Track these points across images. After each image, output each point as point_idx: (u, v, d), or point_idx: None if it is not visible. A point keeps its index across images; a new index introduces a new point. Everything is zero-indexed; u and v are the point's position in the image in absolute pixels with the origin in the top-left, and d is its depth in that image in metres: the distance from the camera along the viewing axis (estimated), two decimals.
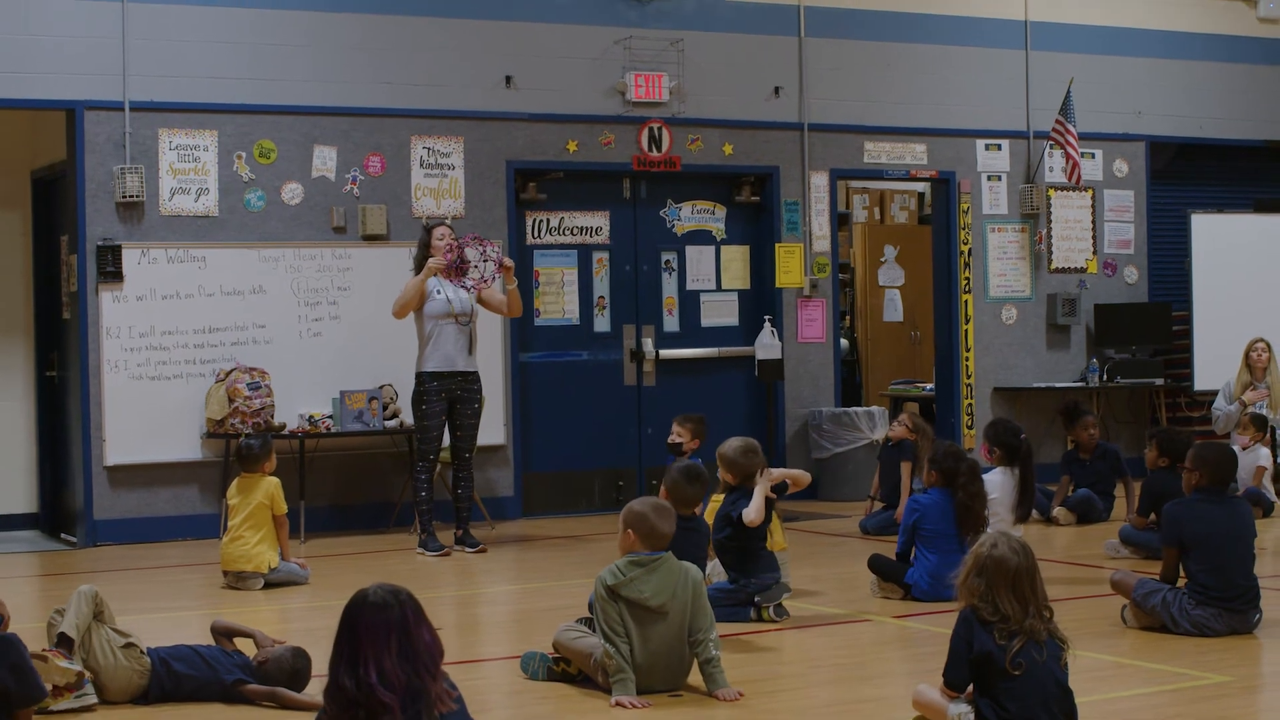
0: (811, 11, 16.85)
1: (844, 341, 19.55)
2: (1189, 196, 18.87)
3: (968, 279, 17.68)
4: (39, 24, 14.07)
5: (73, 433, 14.59)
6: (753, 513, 9.68)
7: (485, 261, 13.33)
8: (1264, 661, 8.71)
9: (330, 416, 14.46)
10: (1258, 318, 17.19)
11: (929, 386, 18.61)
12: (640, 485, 15.79)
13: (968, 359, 17.66)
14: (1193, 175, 19.29)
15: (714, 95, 16.41)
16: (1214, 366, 17.17)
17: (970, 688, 6.53)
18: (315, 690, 7.46)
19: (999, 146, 17.87)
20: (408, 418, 14.15)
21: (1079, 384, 17.80)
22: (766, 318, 16.12)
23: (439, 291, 13.31)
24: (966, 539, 9.82)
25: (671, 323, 16.53)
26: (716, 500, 10.27)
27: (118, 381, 14.19)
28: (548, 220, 16.00)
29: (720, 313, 16.73)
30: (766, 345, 15.93)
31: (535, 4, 15.74)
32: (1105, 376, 17.79)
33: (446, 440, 13.58)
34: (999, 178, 17.88)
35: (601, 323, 16.23)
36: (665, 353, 16.39)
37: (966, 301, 17.68)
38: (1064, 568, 12.02)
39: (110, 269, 14.14)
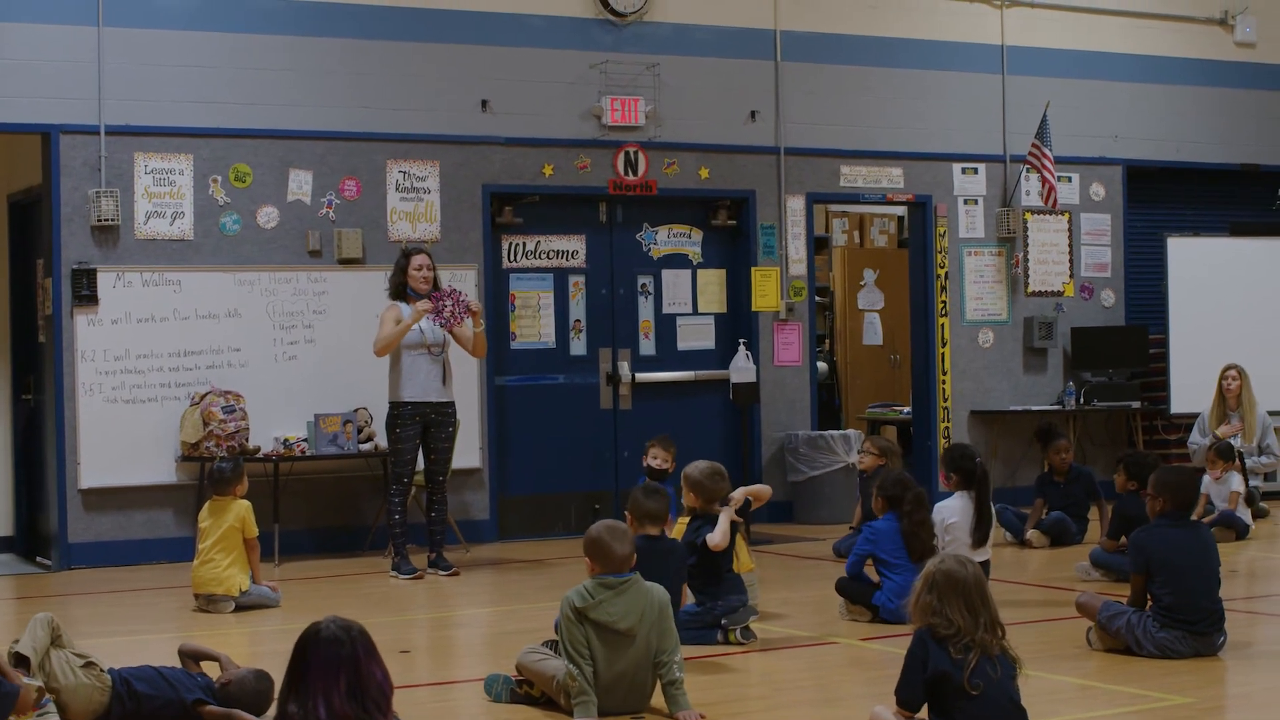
0: (788, 36, 16.90)
1: (823, 365, 19.58)
2: (1165, 220, 18.93)
3: (944, 302, 17.72)
4: (14, 48, 14.10)
5: (48, 456, 14.59)
6: (718, 536, 9.71)
7: (456, 306, 13.35)
8: (1228, 683, 8.72)
9: (305, 440, 14.47)
10: (1234, 340, 17.27)
11: (906, 410, 18.63)
12: (616, 509, 15.73)
13: (944, 382, 17.69)
14: (1169, 198, 19.33)
15: (690, 119, 16.45)
16: (1191, 389, 17.25)
17: (925, 708, 6.54)
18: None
19: (975, 170, 17.92)
20: (382, 441, 14.16)
21: (1055, 407, 17.82)
22: (741, 341, 16.17)
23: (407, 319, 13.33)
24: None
25: (648, 346, 16.55)
26: (683, 524, 10.32)
27: (92, 405, 14.20)
28: (524, 244, 16.02)
29: (697, 336, 16.75)
30: (741, 369, 15.98)
31: (511, 29, 15.77)
32: (1082, 399, 17.81)
33: (421, 464, 13.61)
34: (975, 201, 17.93)
35: (578, 346, 16.25)
36: (641, 376, 16.41)
37: (943, 325, 17.71)
38: (1036, 590, 12.04)
39: (85, 292, 14.15)
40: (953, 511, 10.75)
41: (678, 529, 10.16)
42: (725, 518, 9.80)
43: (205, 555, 11.68)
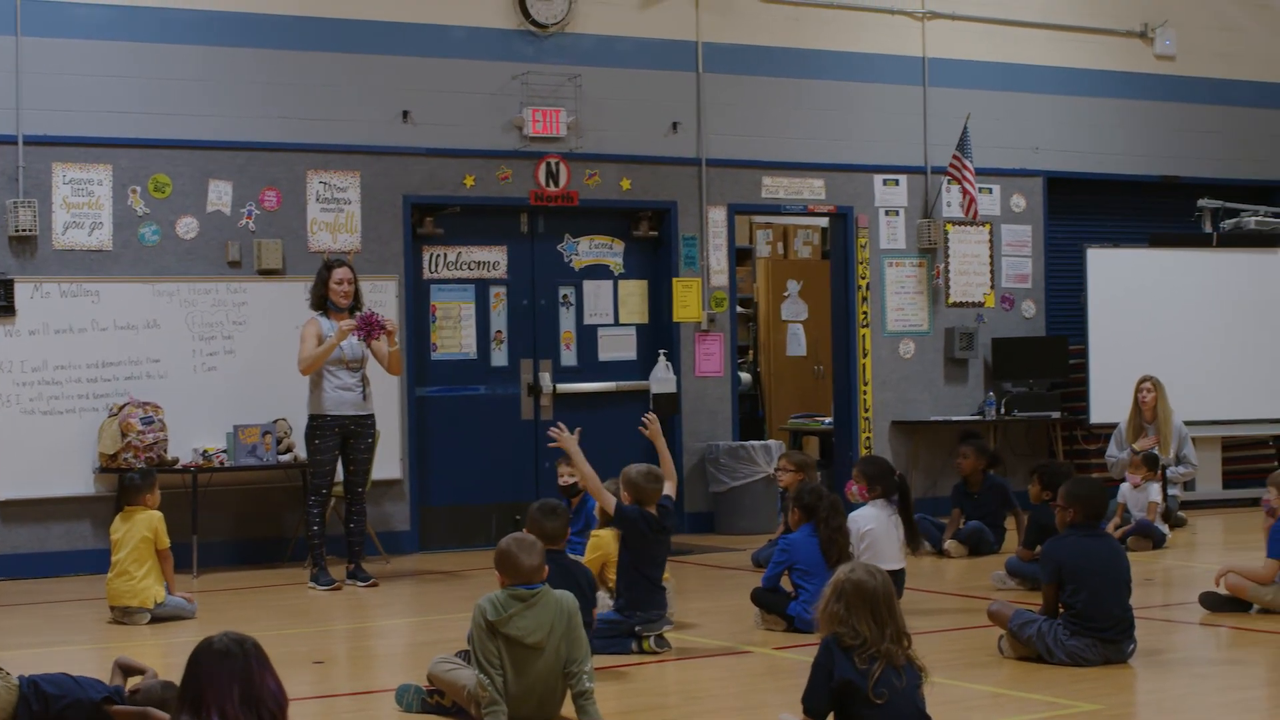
0: (709, 48, 16.94)
1: (746, 376, 19.61)
2: (1085, 231, 19.03)
3: (865, 313, 17.78)
4: None
5: None
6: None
7: (372, 325, 13.33)
8: (1137, 690, 8.80)
9: (224, 451, 14.41)
10: (1153, 351, 17.41)
11: (828, 420, 18.67)
12: None
13: (866, 393, 17.75)
14: (1089, 210, 19.44)
15: (612, 130, 16.46)
16: (1111, 400, 17.35)
17: (831, 717, 6.58)
18: None
19: (896, 182, 17.99)
20: (301, 452, 14.11)
21: (976, 417, 17.88)
22: (661, 351, 16.19)
23: (330, 338, 13.30)
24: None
25: (569, 357, 16.55)
26: (598, 536, 10.39)
27: (10, 416, 14.11)
28: (445, 255, 16.01)
29: (618, 347, 16.75)
30: (661, 379, 16.02)
31: (432, 39, 15.75)
32: (1002, 410, 17.89)
33: (340, 475, 13.58)
34: (896, 213, 18.00)
35: (499, 357, 16.23)
36: (563, 387, 16.40)
37: (864, 336, 17.77)
38: (952, 599, 12.11)
39: (2, 303, 14.07)
40: (868, 520, 10.84)
41: (593, 544, 10.27)
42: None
43: (120, 567, 11.63)
